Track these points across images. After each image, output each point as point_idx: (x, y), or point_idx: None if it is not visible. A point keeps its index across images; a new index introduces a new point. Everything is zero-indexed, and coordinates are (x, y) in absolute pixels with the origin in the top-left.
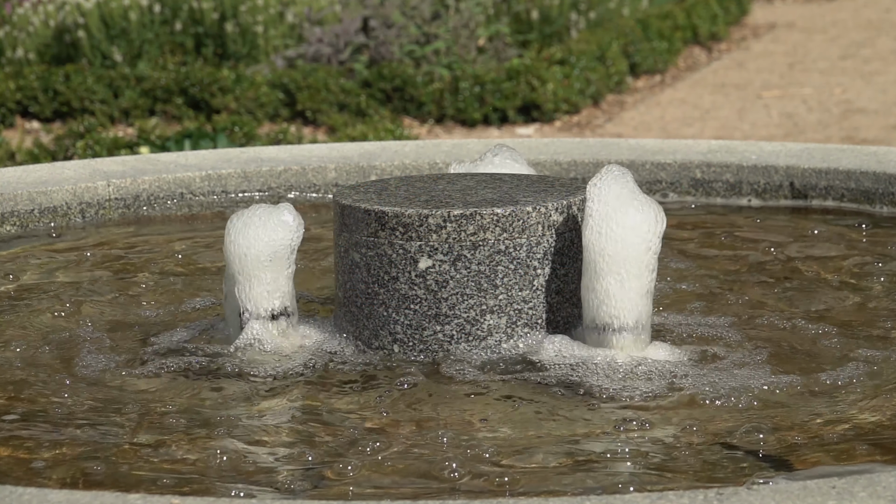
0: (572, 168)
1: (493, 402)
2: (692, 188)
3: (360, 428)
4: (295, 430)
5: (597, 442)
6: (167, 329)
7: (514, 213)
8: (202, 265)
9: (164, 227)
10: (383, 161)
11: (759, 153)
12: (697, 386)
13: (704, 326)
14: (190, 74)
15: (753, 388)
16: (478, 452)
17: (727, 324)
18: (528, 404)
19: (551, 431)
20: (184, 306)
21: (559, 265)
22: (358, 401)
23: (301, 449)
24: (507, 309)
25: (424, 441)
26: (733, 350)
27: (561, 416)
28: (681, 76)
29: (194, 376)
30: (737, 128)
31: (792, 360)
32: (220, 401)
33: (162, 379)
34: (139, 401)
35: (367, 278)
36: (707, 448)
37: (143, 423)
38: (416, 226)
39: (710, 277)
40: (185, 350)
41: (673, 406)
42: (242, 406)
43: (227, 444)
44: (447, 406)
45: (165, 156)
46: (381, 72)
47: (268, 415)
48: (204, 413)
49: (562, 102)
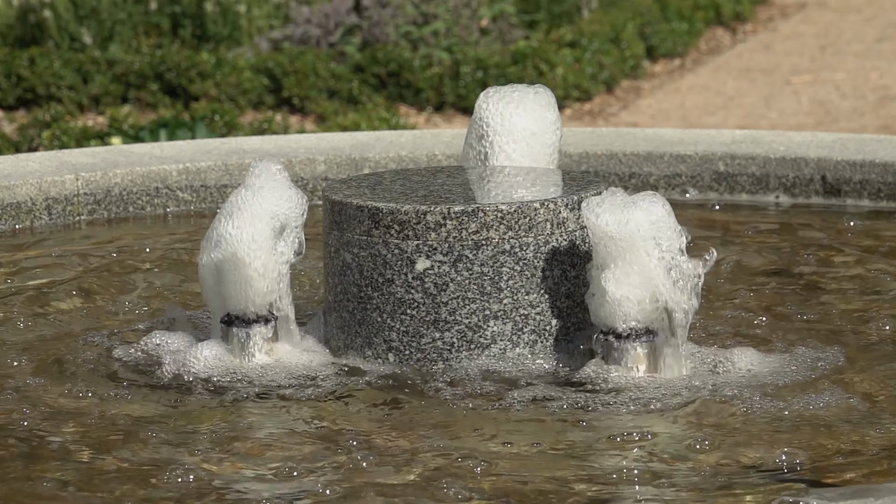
0: (583, 160)
1: (499, 419)
2: (715, 182)
3: (347, 446)
4: (285, 446)
5: (611, 458)
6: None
7: (521, 209)
8: (181, 265)
9: (138, 225)
10: (377, 153)
11: (788, 144)
12: (719, 398)
13: (732, 336)
14: (166, 58)
15: (786, 402)
16: (477, 483)
17: (754, 333)
18: (535, 422)
19: (565, 453)
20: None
21: (569, 266)
22: (348, 416)
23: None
24: (512, 314)
25: (428, 474)
26: (764, 360)
27: (575, 434)
28: (702, 60)
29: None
30: (763, 116)
31: (821, 371)
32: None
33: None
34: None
35: (360, 281)
36: (734, 465)
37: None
38: (413, 223)
39: (733, 280)
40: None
41: (697, 419)
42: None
43: (218, 462)
44: (446, 427)
45: (139, 147)
46: (374, 55)
47: (260, 431)
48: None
49: (572, 89)
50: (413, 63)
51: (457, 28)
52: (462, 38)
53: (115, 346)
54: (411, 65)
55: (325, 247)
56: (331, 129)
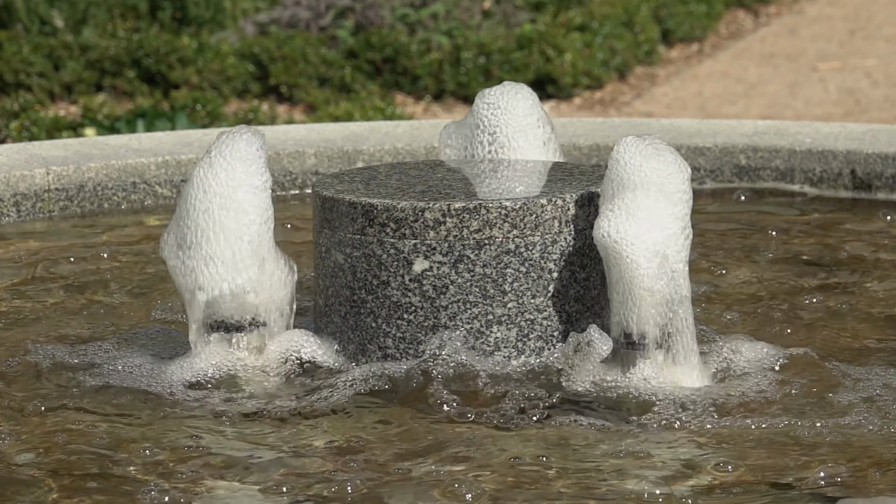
0: (594, 153)
1: (503, 434)
2: (736, 176)
3: (338, 465)
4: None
5: (626, 478)
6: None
7: (526, 206)
8: (162, 269)
9: (114, 223)
10: (372, 145)
11: (815, 135)
12: (741, 409)
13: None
14: (144, 43)
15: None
16: None
17: (786, 342)
18: (542, 437)
19: (575, 470)
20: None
21: (579, 268)
22: (339, 429)
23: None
24: (517, 319)
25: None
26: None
27: (586, 450)
28: (722, 45)
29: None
30: (788, 106)
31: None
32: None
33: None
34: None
35: (353, 283)
36: (761, 484)
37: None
38: (410, 221)
39: (759, 283)
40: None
41: (723, 436)
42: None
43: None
44: (444, 442)
45: (115, 138)
46: (368, 40)
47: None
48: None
49: (582, 76)
50: (410, 48)
51: (457, 10)
52: (463, 21)
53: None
54: (408, 50)
55: (316, 246)
56: (321, 119)
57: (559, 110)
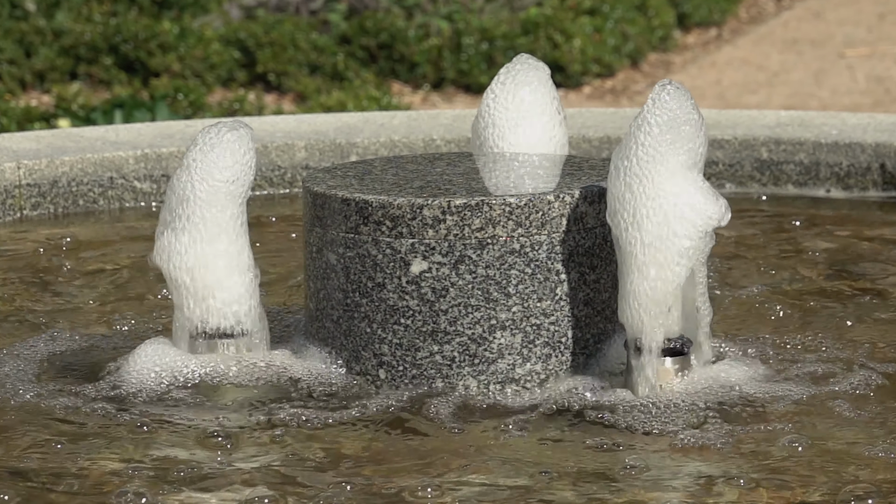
0: (605, 146)
1: (506, 448)
2: (756, 171)
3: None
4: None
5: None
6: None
7: (532, 202)
8: (139, 270)
9: (89, 221)
10: (366, 137)
11: (842, 127)
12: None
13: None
14: (121, 28)
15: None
16: None
17: (817, 357)
18: (548, 452)
19: (586, 491)
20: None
21: (589, 269)
22: (331, 444)
23: None
24: (522, 325)
25: None
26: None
27: (598, 468)
28: (742, 30)
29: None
30: (813, 95)
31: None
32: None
33: None
34: None
35: (346, 285)
36: None
37: None
38: (407, 219)
39: (781, 293)
40: None
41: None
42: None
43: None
44: (444, 457)
45: (91, 130)
46: (363, 24)
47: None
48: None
49: (592, 63)
50: (407, 33)
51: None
52: (464, 4)
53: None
54: (405, 35)
55: (306, 246)
56: (312, 109)
57: (567, 100)
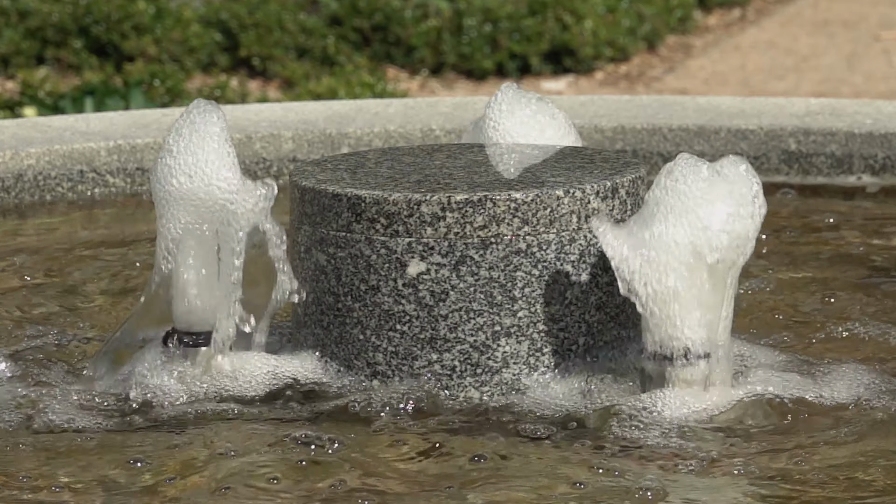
0: (619, 137)
1: (510, 465)
2: (784, 164)
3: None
4: None
5: None
6: None
7: (539, 198)
8: (117, 271)
9: (57, 218)
10: (359, 127)
11: (877, 116)
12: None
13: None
14: (92, 8)
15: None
16: None
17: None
18: (556, 469)
19: None
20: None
21: (601, 270)
22: (325, 461)
23: None
24: (529, 331)
25: None
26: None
27: (609, 488)
28: (768, 10)
29: None
30: (845, 81)
31: None
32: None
33: None
34: None
35: (337, 288)
36: None
37: None
38: (403, 216)
39: (812, 294)
40: None
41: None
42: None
43: None
44: (444, 475)
45: (59, 119)
46: (355, 4)
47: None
48: None
49: (605, 46)
50: (404, 14)
51: None
52: None
53: None
54: (402, 16)
55: (294, 245)
56: (300, 97)
57: (578, 86)
